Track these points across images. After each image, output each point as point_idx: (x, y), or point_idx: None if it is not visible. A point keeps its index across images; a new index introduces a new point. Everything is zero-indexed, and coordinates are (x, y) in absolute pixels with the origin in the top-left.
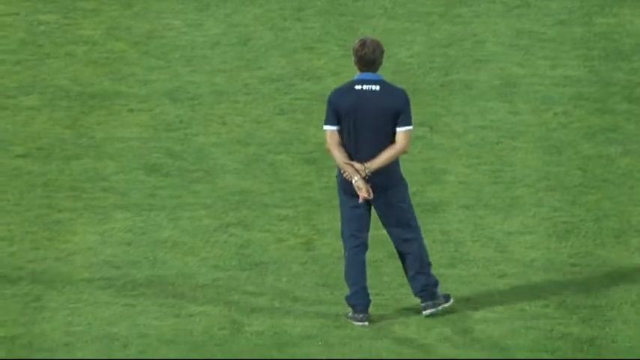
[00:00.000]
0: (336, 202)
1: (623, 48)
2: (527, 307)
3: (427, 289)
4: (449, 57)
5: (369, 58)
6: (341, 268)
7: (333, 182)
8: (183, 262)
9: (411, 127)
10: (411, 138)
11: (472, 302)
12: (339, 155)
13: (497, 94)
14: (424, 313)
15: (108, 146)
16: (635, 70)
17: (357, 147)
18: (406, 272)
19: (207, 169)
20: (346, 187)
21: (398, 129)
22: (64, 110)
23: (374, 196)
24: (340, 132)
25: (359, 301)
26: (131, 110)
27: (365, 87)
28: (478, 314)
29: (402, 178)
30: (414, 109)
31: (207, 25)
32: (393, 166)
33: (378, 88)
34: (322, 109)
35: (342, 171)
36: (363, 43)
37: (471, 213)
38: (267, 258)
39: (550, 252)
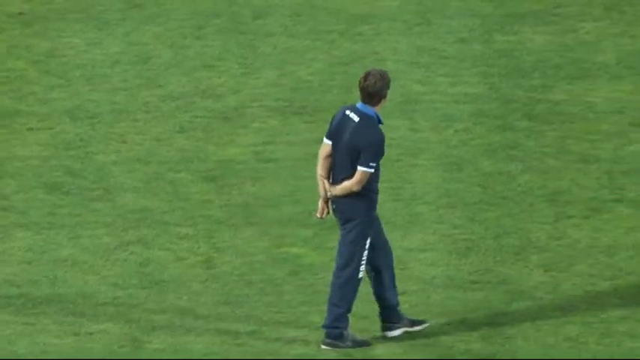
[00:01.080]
0: (236, 220)
1: (523, 65)
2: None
3: (335, 330)
4: (350, 75)
5: (369, 90)
6: (241, 285)
7: (234, 201)
8: (84, 281)
9: (365, 169)
10: (365, 180)
11: (372, 319)
12: (318, 168)
13: (397, 111)
14: (322, 346)
15: (7, 165)
16: (535, 87)
17: (333, 167)
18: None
19: (107, 188)
20: None
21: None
22: None
23: (339, 221)
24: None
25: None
26: (31, 129)
27: (351, 115)
28: (378, 331)
29: (360, 215)
30: (314, 127)
31: (107, 44)
32: (354, 199)
33: (357, 120)
34: (222, 127)
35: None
36: (366, 75)
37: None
38: (167, 276)
39: (450, 269)
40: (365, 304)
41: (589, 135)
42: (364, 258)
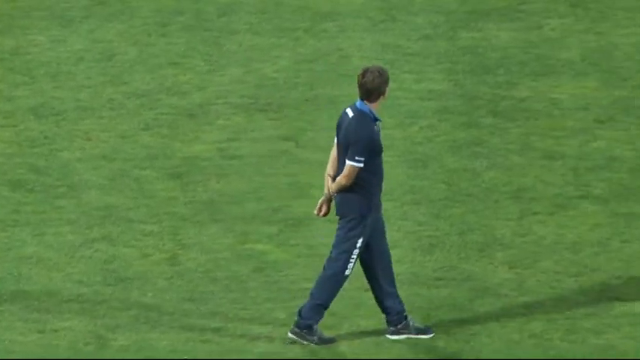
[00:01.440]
0: (201, 217)
1: (488, 62)
2: None
3: (307, 321)
4: (314, 72)
5: (367, 87)
6: (206, 282)
7: (199, 197)
8: (48, 278)
9: (352, 163)
10: (353, 174)
11: (338, 316)
12: (328, 166)
13: None
14: (289, 335)
15: None
16: (499, 84)
17: (338, 165)
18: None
19: (71, 185)
20: None
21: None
22: None
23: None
24: None
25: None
26: None
27: (348, 112)
28: (344, 328)
29: (354, 212)
30: (279, 124)
31: (72, 41)
32: (350, 196)
33: (351, 116)
34: (187, 124)
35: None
36: (364, 72)
37: (336, 227)
38: (132, 273)
39: (415, 266)
40: (335, 301)
41: (554, 132)
42: (354, 256)
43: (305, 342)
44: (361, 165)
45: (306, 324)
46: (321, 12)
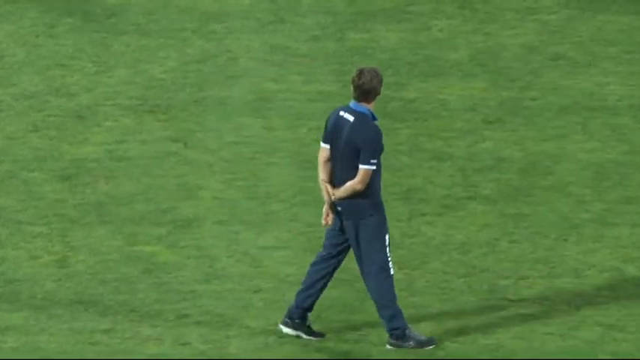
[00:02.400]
0: (90, 218)
1: (377, 63)
2: None
3: (396, 331)
4: (202, 73)
5: (365, 88)
6: (95, 284)
7: (88, 199)
8: None
9: (366, 167)
10: (367, 178)
11: (227, 318)
12: (320, 173)
13: (251, 109)
14: (387, 346)
15: None
16: (388, 85)
17: (334, 170)
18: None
19: None
20: None
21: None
22: None
23: (345, 225)
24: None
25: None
26: None
27: (346, 115)
28: (233, 330)
29: (370, 215)
30: (167, 125)
31: None
32: (359, 200)
33: (352, 119)
34: (76, 126)
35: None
36: (360, 73)
37: (225, 228)
38: (21, 275)
39: (305, 267)
40: (223, 303)
41: (442, 132)
42: (389, 254)
43: (405, 345)
44: (374, 167)
45: (397, 334)
46: (208, 13)
